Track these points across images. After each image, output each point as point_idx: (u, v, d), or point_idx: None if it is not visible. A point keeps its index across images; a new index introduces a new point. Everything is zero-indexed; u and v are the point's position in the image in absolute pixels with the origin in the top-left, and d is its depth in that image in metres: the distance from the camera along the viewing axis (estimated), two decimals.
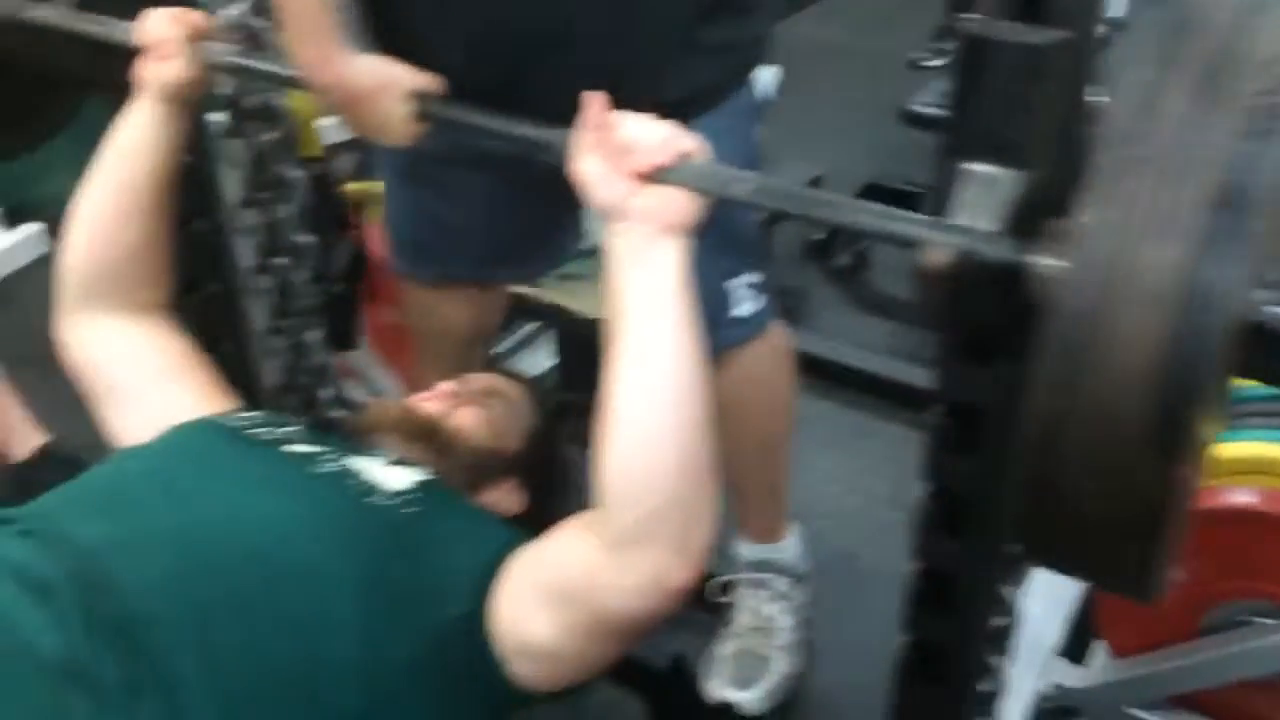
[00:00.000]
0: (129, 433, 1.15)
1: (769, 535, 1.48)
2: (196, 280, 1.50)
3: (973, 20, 0.77)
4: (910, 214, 0.85)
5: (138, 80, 1.20)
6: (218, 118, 1.49)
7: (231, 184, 1.53)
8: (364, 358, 2.01)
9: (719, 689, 1.40)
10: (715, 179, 0.94)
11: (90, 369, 1.21)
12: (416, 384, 1.45)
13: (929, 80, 2.62)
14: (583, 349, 2.04)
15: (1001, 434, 0.95)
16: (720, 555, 1.50)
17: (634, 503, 0.90)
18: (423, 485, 1.07)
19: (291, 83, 1.17)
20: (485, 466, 1.19)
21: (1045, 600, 1.73)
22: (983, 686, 1.21)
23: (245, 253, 1.56)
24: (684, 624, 1.54)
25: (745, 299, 1.28)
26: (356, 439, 1.17)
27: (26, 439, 2.04)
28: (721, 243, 1.16)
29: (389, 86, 1.07)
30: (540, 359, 2.19)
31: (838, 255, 2.62)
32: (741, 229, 1.23)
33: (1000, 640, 1.18)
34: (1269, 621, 1.45)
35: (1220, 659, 1.49)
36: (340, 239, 1.65)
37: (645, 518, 0.90)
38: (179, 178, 1.25)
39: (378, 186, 1.95)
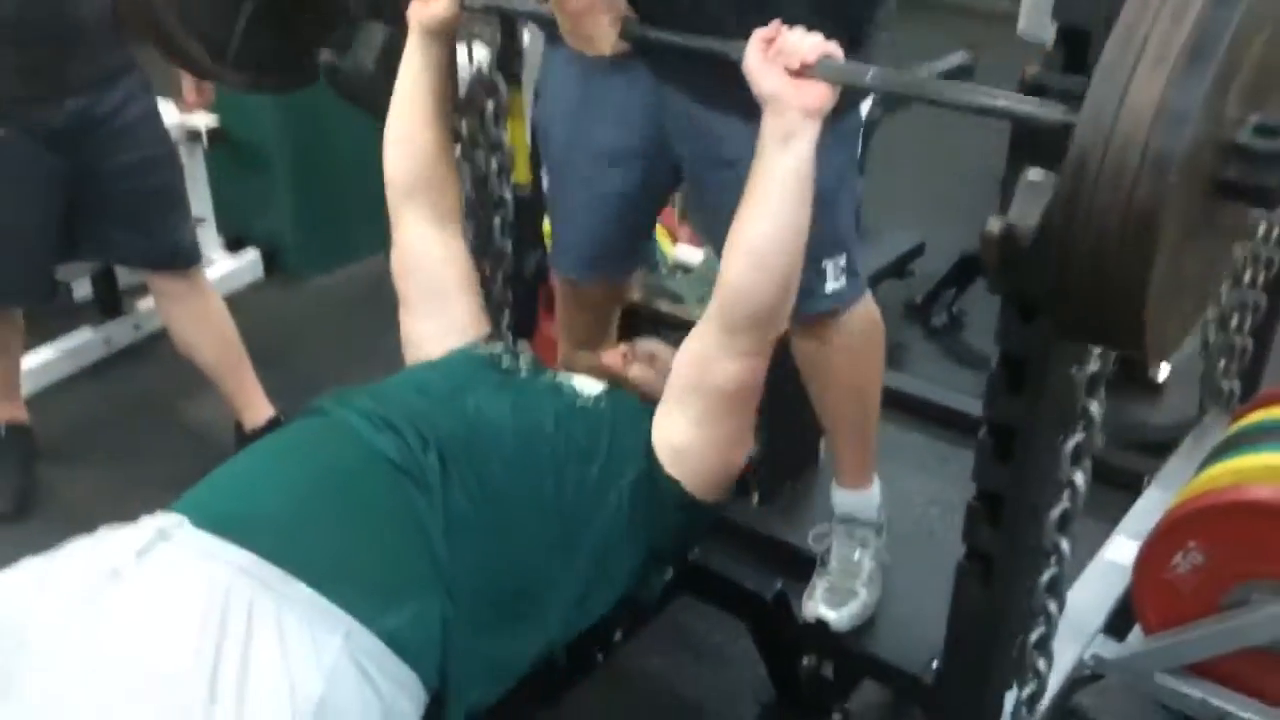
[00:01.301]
0: (424, 336, 1.59)
1: (858, 482, 1.81)
2: None
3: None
4: (991, 89, 1.20)
5: (409, 19, 1.58)
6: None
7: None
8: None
9: (814, 610, 1.74)
10: (846, 72, 1.29)
11: (415, 274, 1.62)
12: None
13: None
14: None
15: (1039, 381, 1.33)
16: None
17: (751, 293, 1.34)
18: (607, 392, 1.52)
19: (529, 15, 1.63)
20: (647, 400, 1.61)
21: (1093, 587, 2.06)
22: (1040, 630, 1.56)
23: None
24: (784, 568, 1.91)
25: (836, 276, 1.62)
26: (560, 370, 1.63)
27: (261, 410, 2.53)
28: (815, 234, 1.57)
29: (610, 6, 1.46)
30: None
31: (935, 315, 3.00)
32: (836, 222, 1.59)
33: (1056, 587, 1.53)
34: (1270, 598, 1.75)
35: (1224, 631, 1.78)
36: (532, 250, 2.09)
37: (757, 304, 1.34)
38: (452, 92, 1.66)
39: None
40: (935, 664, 1.63)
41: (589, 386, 1.52)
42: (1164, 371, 2.88)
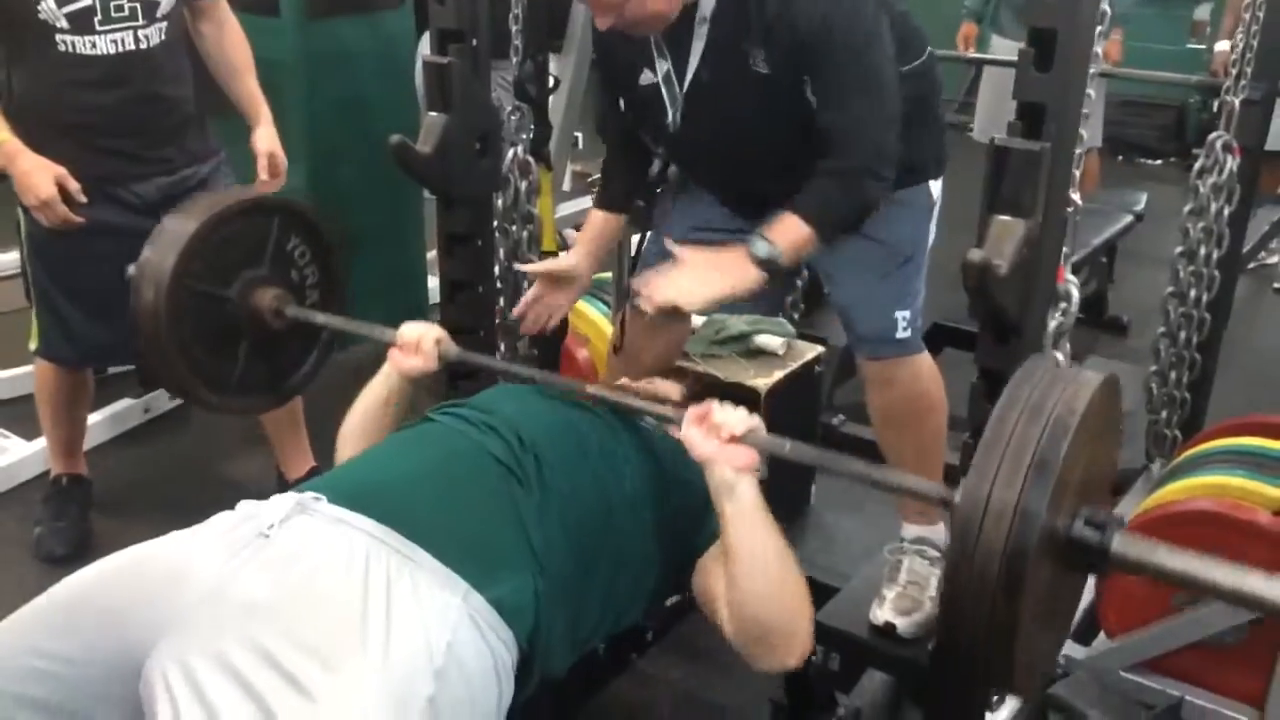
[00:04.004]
0: None
1: (926, 518, 2.06)
2: (470, 325, 2.21)
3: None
4: (898, 475, 1.53)
5: (390, 362, 1.82)
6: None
7: (497, 266, 2.27)
8: None
9: (884, 616, 1.95)
10: (769, 443, 1.47)
11: None
12: None
13: None
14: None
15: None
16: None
17: (747, 627, 1.46)
18: (656, 426, 1.75)
19: (505, 374, 1.92)
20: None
21: None
22: None
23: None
24: None
25: (904, 326, 1.92)
26: None
27: (305, 463, 2.76)
28: (893, 289, 1.88)
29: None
30: None
31: None
32: (908, 281, 1.92)
33: None
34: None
35: (1174, 629, 2.04)
36: None
37: (765, 635, 1.46)
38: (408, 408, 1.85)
39: None
40: (930, 646, 1.88)
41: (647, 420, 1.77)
42: None
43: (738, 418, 1.47)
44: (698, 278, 1.72)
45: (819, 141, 1.79)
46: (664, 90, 1.89)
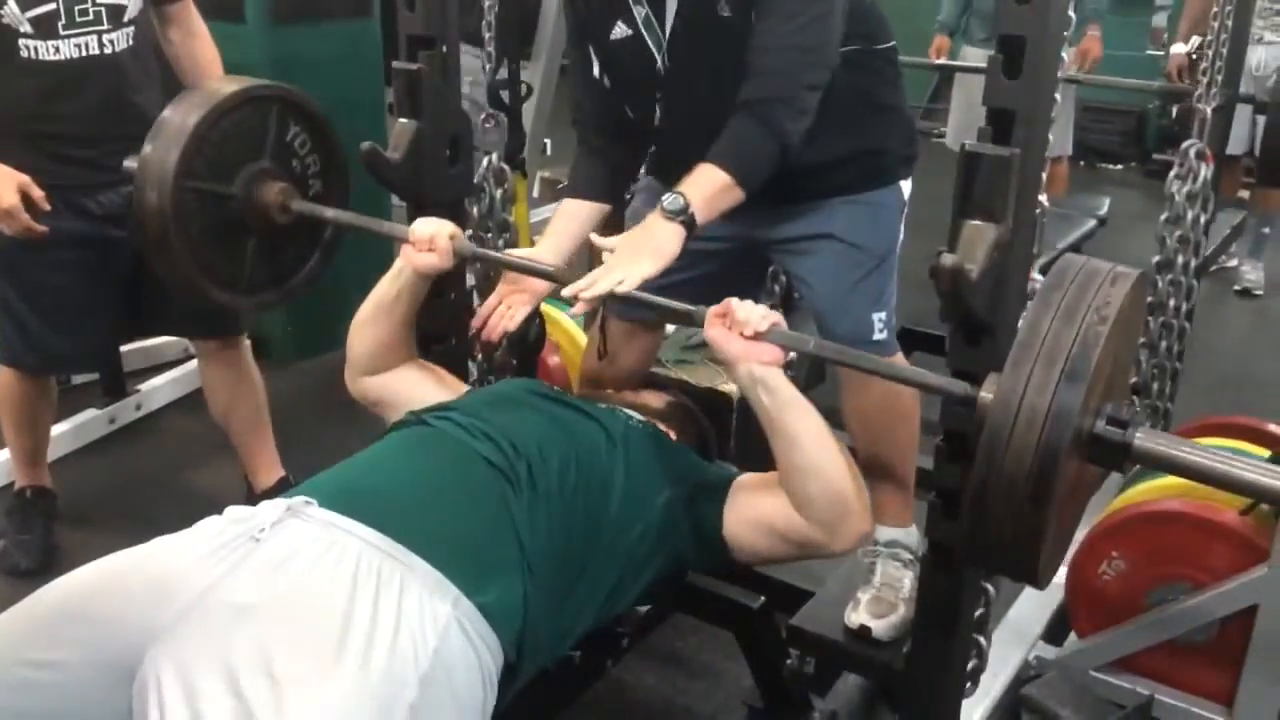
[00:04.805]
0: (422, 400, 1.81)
1: (900, 521, 2.05)
2: (443, 333, 2.20)
3: None
4: (921, 371, 1.55)
5: (404, 258, 1.83)
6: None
7: (471, 274, 2.26)
8: None
9: (859, 619, 1.93)
10: (791, 338, 1.57)
11: (380, 403, 1.88)
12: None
13: None
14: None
15: None
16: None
17: (823, 507, 1.56)
18: (645, 422, 1.78)
19: (517, 267, 1.90)
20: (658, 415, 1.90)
21: (1032, 602, 2.34)
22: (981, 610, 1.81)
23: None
24: (760, 590, 2.15)
25: (880, 328, 1.93)
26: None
27: (274, 472, 2.73)
28: (869, 291, 1.89)
29: None
30: None
31: None
32: (883, 284, 1.93)
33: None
34: (1183, 596, 2.05)
35: (1144, 629, 2.08)
36: (534, 317, 2.36)
37: (835, 510, 1.57)
38: (420, 302, 1.90)
39: None
40: (905, 649, 1.88)
41: (634, 413, 1.79)
42: None
43: (759, 314, 1.52)
44: (623, 259, 1.65)
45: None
46: (647, 36, 1.82)
